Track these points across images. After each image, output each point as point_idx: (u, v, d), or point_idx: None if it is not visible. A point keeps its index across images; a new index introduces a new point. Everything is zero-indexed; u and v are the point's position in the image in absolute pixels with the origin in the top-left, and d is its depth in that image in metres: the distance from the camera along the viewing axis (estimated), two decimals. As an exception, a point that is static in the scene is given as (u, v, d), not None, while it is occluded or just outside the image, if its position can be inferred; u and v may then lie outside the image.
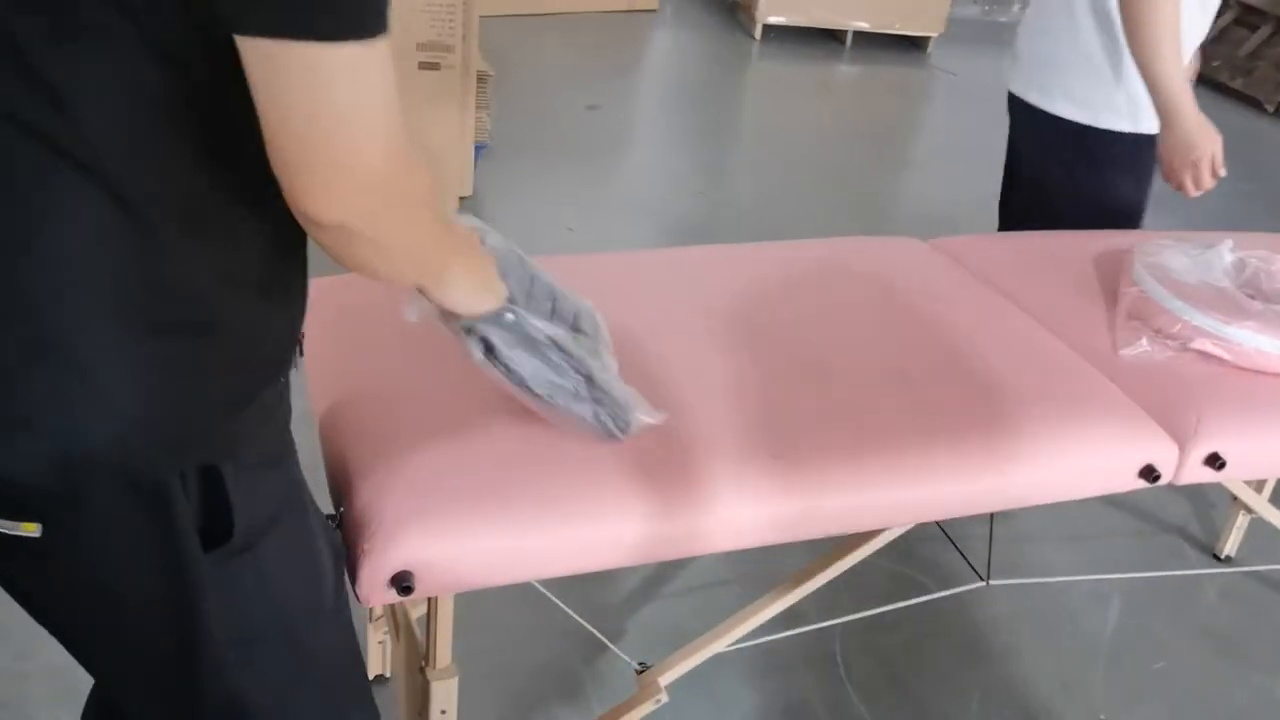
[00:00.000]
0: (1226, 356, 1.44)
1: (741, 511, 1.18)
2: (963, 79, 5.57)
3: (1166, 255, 1.57)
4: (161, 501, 0.81)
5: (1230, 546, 2.24)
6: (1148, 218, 2.06)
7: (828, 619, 1.80)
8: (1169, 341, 1.46)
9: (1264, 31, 5.72)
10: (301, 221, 0.77)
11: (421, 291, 0.97)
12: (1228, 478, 1.38)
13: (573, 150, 4.08)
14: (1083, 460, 1.32)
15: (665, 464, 1.17)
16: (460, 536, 1.07)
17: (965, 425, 1.30)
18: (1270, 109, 5.60)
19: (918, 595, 1.74)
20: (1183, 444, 1.34)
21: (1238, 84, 5.69)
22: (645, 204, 3.72)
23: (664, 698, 1.41)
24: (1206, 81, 5.81)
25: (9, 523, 0.79)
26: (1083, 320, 1.56)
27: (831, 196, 4.04)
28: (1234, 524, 2.19)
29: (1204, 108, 1.84)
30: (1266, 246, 1.66)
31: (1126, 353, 1.46)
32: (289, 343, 0.91)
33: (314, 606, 0.98)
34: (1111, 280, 1.64)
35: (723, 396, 1.29)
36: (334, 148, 0.72)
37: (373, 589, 1.05)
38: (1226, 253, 1.59)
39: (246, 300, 0.83)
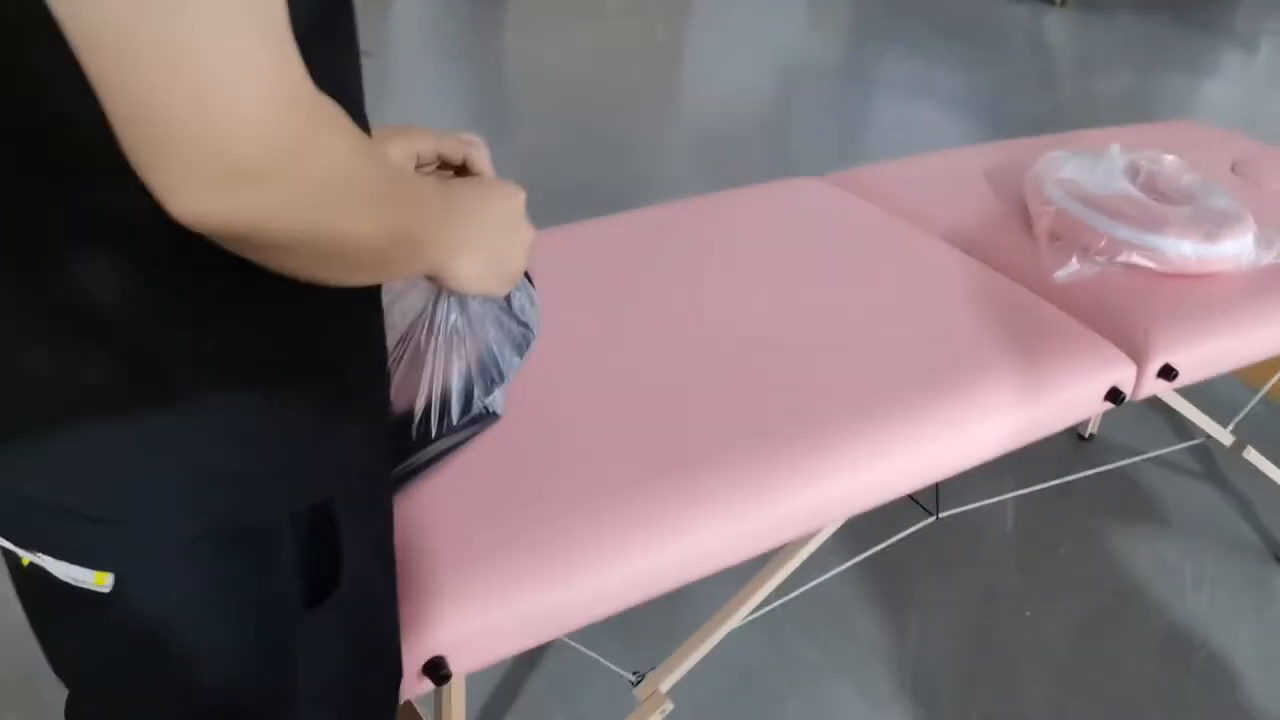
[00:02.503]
0: (1153, 265, 1.47)
1: (727, 528, 1.09)
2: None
3: (1069, 168, 1.57)
4: (264, 550, 0.70)
5: (1093, 425, 2.37)
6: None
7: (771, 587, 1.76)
8: (1097, 258, 1.47)
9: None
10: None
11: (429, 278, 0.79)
12: (1177, 385, 1.41)
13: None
14: (1056, 395, 1.31)
15: (611, 489, 1.06)
16: (496, 607, 0.94)
17: (932, 386, 1.25)
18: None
19: (871, 544, 1.72)
20: (1139, 361, 1.36)
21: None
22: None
23: (669, 706, 1.33)
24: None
25: (77, 571, 0.67)
26: (1007, 243, 1.55)
27: (633, 123, 3.95)
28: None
29: None
30: (1147, 142, 1.70)
31: (1060, 275, 1.46)
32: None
33: (392, 672, 0.88)
34: (1016, 195, 1.64)
35: (653, 400, 1.18)
36: (191, 120, 0.50)
37: (404, 681, 0.91)
38: (1118, 157, 1.62)
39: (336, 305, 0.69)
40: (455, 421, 0.88)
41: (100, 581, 0.68)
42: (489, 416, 0.92)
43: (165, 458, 0.65)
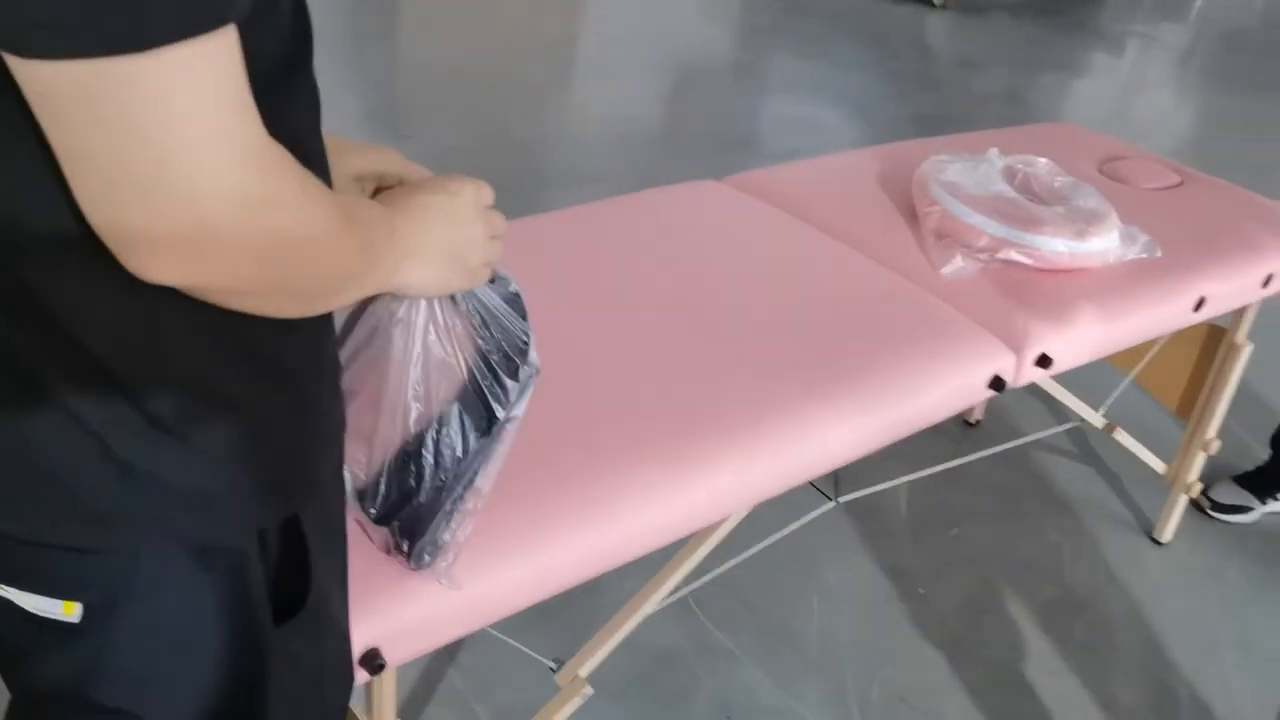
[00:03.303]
0: (1029, 262, 1.57)
1: (662, 510, 1.16)
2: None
3: (952, 171, 1.67)
4: (234, 568, 0.71)
5: (978, 412, 2.50)
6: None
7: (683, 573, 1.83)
8: (979, 255, 1.57)
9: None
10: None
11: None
12: (1053, 373, 1.52)
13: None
14: (943, 384, 1.40)
15: (562, 480, 1.12)
16: (428, 597, 0.98)
17: (830, 379, 1.33)
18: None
19: (768, 532, 1.80)
20: (1018, 351, 1.46)
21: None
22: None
23: (589, 691, 1.39)
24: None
25: (45, 602, 0.68)
26: (897, 242, 1.64)
27: (532, 118, 3.98)
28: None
29: None
30: (1024, 144, 1.82)
31: (946, 271, 1.56)
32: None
33: (348, 677, 0.90)
34: (904, 196, 1.73)
35: (567, 399, 1.23)
36: (156, 183, 0.53)
37: (342, 679, 0.95)
38: (997, 160, 1.72)
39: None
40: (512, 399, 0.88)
41: (69, 611, 0.69)
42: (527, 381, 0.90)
43: (137, 484, 0.67)
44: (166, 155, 0.52)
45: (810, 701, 1.79)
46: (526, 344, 0.89)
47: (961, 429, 2.50)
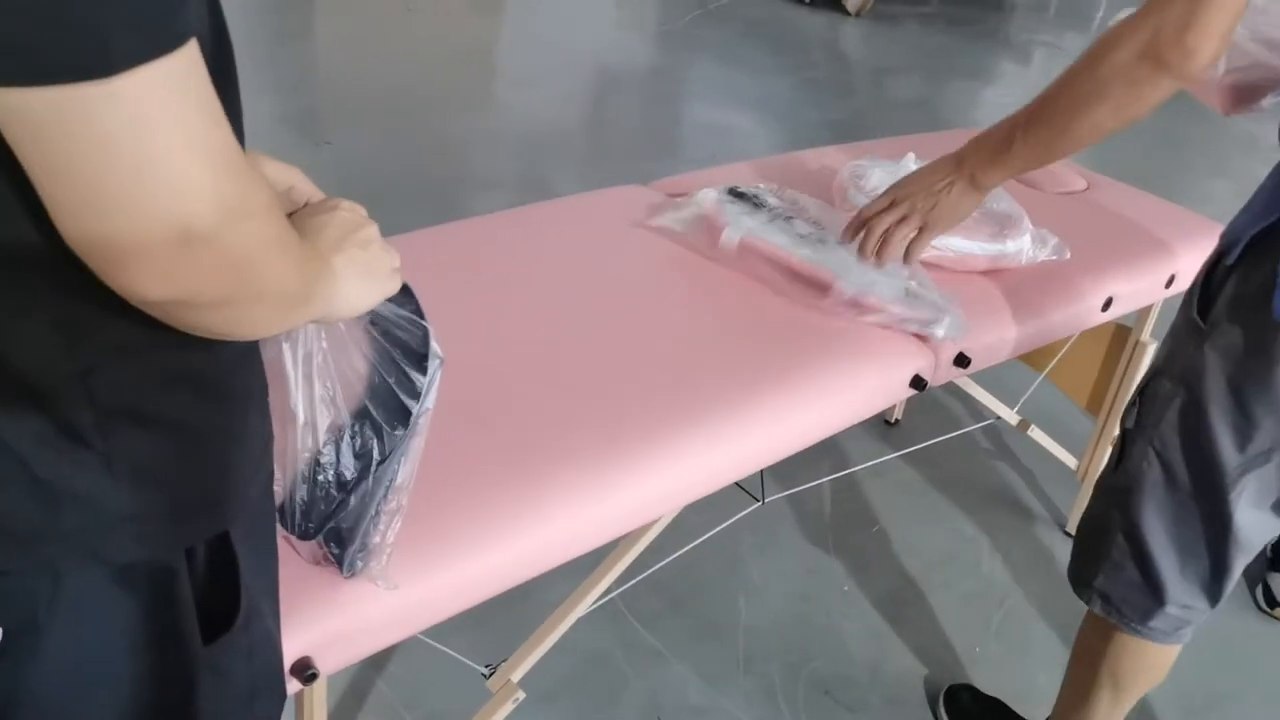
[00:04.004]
0: (946, 264, 1.62)
1: (591, 514, 1.17)
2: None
3: (871, 176, 1.71)
4: (162, 587, 0.70)
5: (898, 412, 2.56)
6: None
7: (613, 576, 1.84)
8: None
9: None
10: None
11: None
12: (971, 372, 1.56)
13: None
14: (865, 383, 1.44)
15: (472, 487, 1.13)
16: (359, 604, 0.97)
17: (755, 381, 1.35)
18: (807, 0, 6.17)
19: (696, 534, 1.82)
20: (936, 351, 1.50)
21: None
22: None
23: (521, 695, 1.39)
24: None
25: None
26: (818, 247, 1.67)
27: (450, 124, 3.96)
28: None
29: (747, 2, 1.94)
30: (939, 149, 1.86)
31: (867, 273, 1.60)
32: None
33: (281, 690, 0.89)
34: (825, 200, 1.77)
35: (494, 404, 1.24)
36: (143, 213, 0.54)
37: (273, 689, 0.93)
38: (913, 165, 1.77)
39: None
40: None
41: None
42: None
43: (58, 505, 0.65)
44: (145, 168, 0.53)
45: (738, 698, 1.81)
46: (426, 336, 0.88)
47: (882, 428, 2.55)
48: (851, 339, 1.46)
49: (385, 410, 0.87)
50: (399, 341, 0.87)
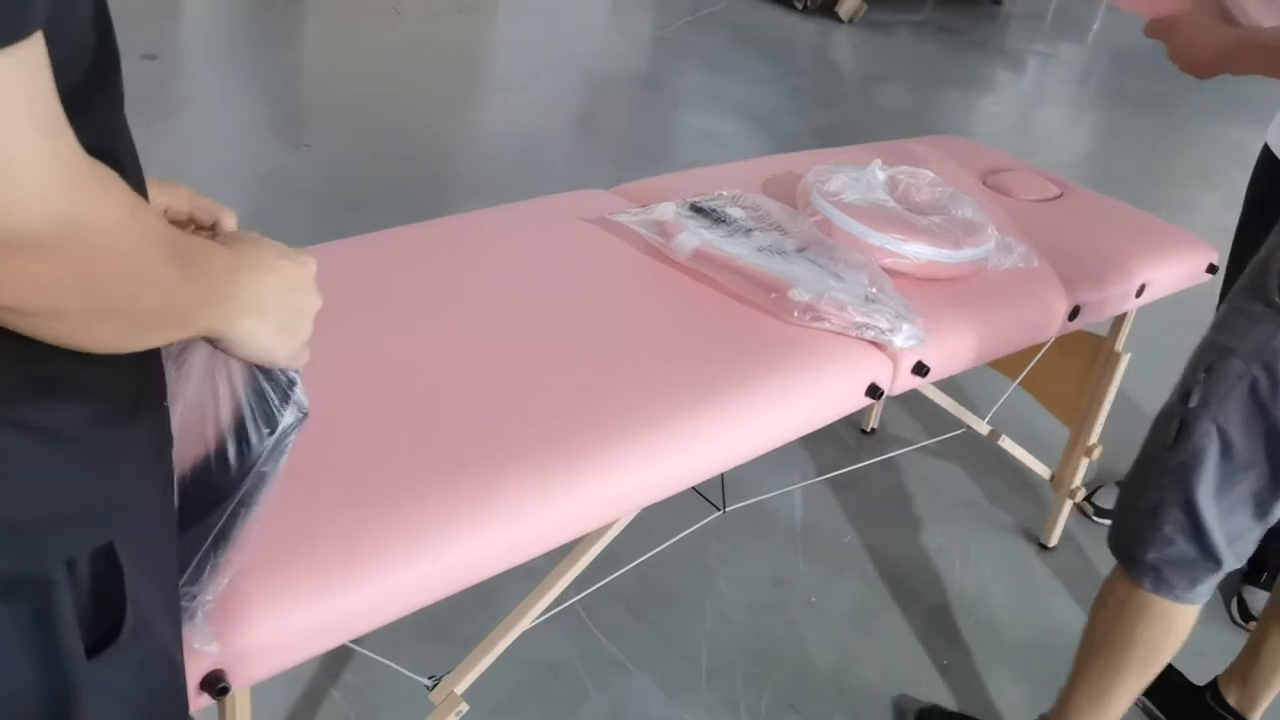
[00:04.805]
0: (906, 270, 1.59)
1: (519, 524, 1.14)
2: (528, -5, 5.62)
3: (834, 181, 1.69)
4: (40, 601, 0.67)
5: (874, 420, 2.53)
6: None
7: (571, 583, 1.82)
8: (858, 264, 1.59)
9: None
10: None
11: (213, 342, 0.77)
12: (929, 381, 1.54)
13: (140, 110, 3.64)
14: (820, 392, 1.41)
15: (413, 487, 1.10)
16: (275, 615, 0.95)
17: (708, 387, 1.33)
18: (799, 7, 6.16)
19: (659, 541, 1.79)
20: (894, 360, 1.48)
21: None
22: (239, 167, 3.42)
23: (464, 707, 1.36)
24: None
25: None
26: (778, 253, 1.65)
27: (434, 128, 3.94)
28: (874, 407, 2.47)
29: (738, 9, 1.94)
30: (900, 158, 1.84)
31: (826, 279, 1.57)
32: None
33: (182, 704, 0.86)
34: (790, 205, 1.74)
35: (445, 403, 1.22)
36: None
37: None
38: (879, 171, 1.75)
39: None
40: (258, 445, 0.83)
41: None
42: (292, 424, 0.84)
43: None
44: None
45: (700, 711, 1.78)
46: (291, 385, 0.83)
47: (857, 436, 2.53)
48: (807, 346, 1.43)
49: (220, 463, 0.82)
50: (259, 390, 0.82)
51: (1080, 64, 6.66)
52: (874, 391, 1.45)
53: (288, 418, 0.83)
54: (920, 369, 1.50)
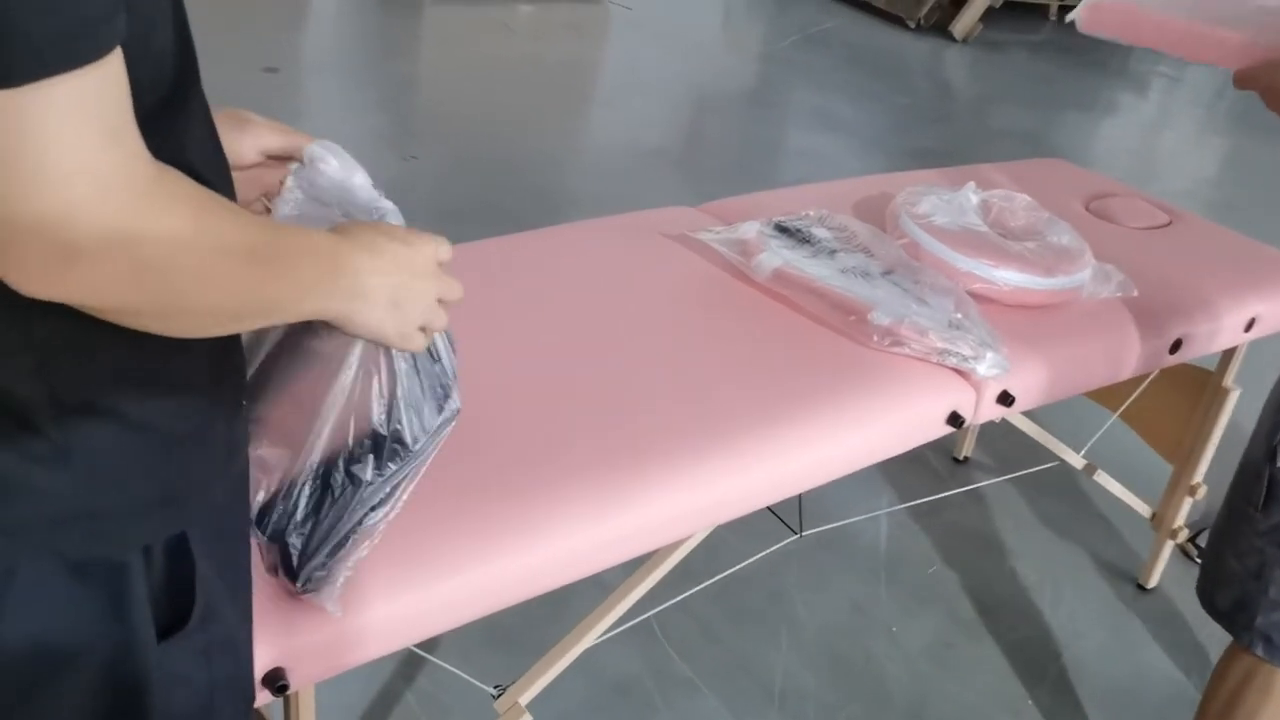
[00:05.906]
0: (995, 296, 1.55)
1: (598, 531, 1.15)
2: (636, 12, 5.65)
3: (925, 204, 1.66)
4: (116, 583, 0.70)
5: (967, 449, 2.47)
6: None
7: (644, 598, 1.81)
8: (945, 289, 1.55)
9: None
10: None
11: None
12: (1014, 411, 1.49)
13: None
14: (899, 418, 1.38)
15: (507, 497, 1.11)
16: (333, 617, 0.97)
17: (788, 408, 1.32)
18: (911, 25, 6.08)
19: (735, 562, 1.78)
20: (978, 388, 1.44)
21: (880, 2, 6.13)
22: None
23: (529, 718, 1.37)
24: (851, 1, 6.24)
25: None
26: (864, 275, 1.62)
27: (538, 142, 4.00)
28: (966, 435, 2.41)
29: (849, 27, 1.91)
30: (999, 182, 1.80)
31: (911, 304, 1.54)
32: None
33: (246, 696, 0.89)
34: (880, 226, 1.72)
35: (520, 411, 1.24)
36: (29, 209, 0.54)
37: (245, 696, 0.93)
38: (972, 195, 1.71)
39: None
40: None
41: None
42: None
43: (12, 499, 0.66)
44: (30, 182, 0.54)
45: (770, 737, 1.76)
46: (449, 386, 0.88)
47: (948, 464, 2.47)
48: (885, 370, 1.41)
49: (389, 439, 0.86)
50: (427, 374, 0.86)
51: (1208, 87, 6.39)
52: (955, 420, 1.42)
53: (445, 412, 0.88)
54: (1005, 398, 1.46)
